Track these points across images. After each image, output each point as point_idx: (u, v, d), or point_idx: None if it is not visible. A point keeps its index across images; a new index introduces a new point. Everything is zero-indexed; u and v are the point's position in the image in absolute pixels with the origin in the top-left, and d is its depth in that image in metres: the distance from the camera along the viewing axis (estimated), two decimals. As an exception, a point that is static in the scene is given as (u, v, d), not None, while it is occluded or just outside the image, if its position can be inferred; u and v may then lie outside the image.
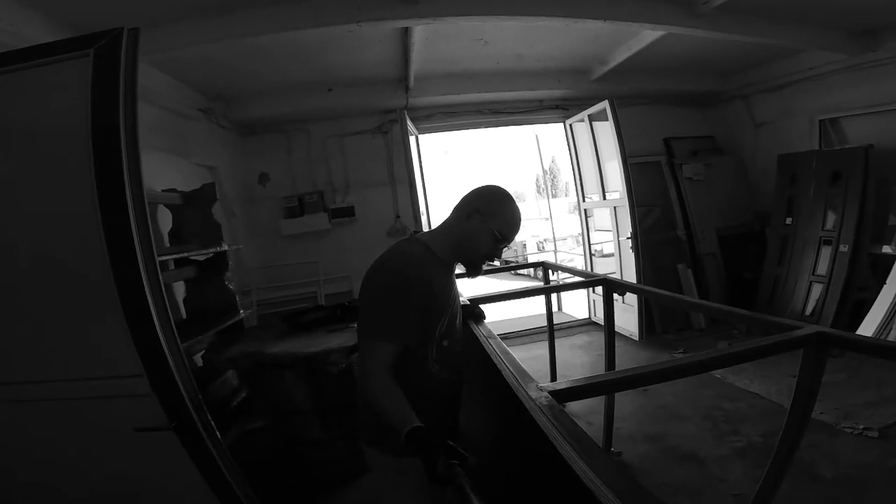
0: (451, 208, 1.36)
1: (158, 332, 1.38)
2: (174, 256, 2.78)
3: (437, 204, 4.75)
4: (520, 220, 1.32)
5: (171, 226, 3.08)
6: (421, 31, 3.25)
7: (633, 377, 1.27)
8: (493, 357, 1.33)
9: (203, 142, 3.91)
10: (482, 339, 1.49)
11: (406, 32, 3.26)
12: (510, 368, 1.20)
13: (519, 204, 1.32)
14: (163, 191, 2.98)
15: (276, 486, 2.49)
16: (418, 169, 4.35)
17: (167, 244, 3.01)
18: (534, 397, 1.02)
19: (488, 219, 1.28)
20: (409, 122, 3.99)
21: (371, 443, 1.30)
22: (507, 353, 1.32)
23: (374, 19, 2.76)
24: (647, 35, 3.68)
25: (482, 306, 2.26)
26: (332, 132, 4.71)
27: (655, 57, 4.15)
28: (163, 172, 3.20)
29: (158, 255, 1.78)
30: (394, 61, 3.88)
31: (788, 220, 4.58)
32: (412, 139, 4.16)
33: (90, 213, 1.33)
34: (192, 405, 1.45)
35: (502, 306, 7.43)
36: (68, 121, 1.35)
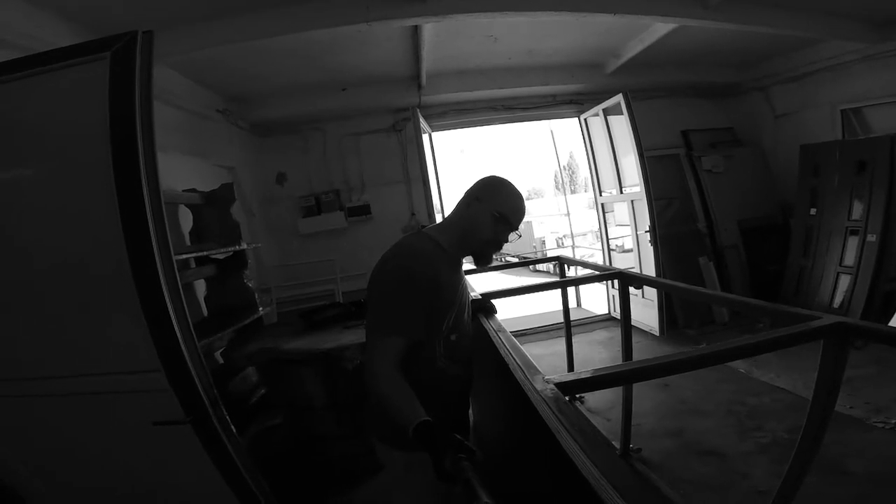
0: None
1: (175, 328, 1.39)
2: (194, 255, 2.85)
3: (454, 202, 4.74)
4: (519, 200, 1.32)
5: (191, 225, 3.15)
6: (431, 29, 3.26)
7: (640, 369, 1.25)
8: (500, 350, 1.33)
9: (221, 143, 4.00)
10: (491, 333, 1.49)
11: (416, 31, 3.27)
12: (517, 361, 1.20)
13: (538, 200, 1.32)
14: (183, 191, 3.05)
15: (292, 482, 2.51)
16: (432, 166, 4.36)
17: (188, 243, 3.08)
18: (539, 389, 1.01)
19: (486, 203, 1.29)
20: (422, 120, 4.00)
21: (381, 438, 1.31)
22: (516, 347, 1.32)
23: (383, 18, 2.78)
24: (659, 28, 3.63)
25: (497, 301, 2.26)
26: (347, 131, 4.76)
27: (669, 49, 4.10)
28: (183, 173, 3.28)
29: (179, 254, 1.83)
30: (405, 60, 3.90)
31: (813, 211, 4.46)
32: (425, 137, 4.17)
33: (110, 212, 1.35)
34: (208, 400, 1.47)
35: (521, 303, 7.42)
36: (88, 122, 1.38)
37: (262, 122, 4.47)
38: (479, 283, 2.54)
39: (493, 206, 1.28)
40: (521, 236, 1.37)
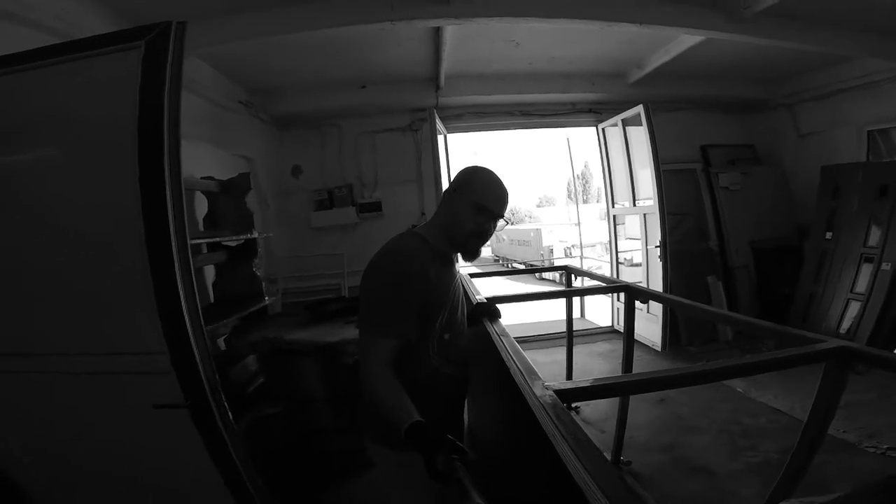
0: None
1: (184, 310, 1.42)
2: (207, 241, 2.90)
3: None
4: (497, 187, 1.28)
5: (206, 211, 3.20)
6: (452, 32, 3.29)
7: (638, 381, 1.25)
8: (502, 354, 1.32)
9: (242, 133, 4.06)
10: (494, 337, 1.49)
11: (438, 32, 3.30)
12: (518, 366, 1.19)
13: (549, 208, 1.31)
14: (201, 178, 3.10)
15: (287, 473, 2.52)
16: (446, 168, 4.39)
17: (201, 229, 3.13)
18: (538, 395, 1.01)
19: (465, 194, 1.27)
20: (438, 122, 4.03)
21: (373, 438, 1.31)
22: (518, 352, 1.31)
23: (406, 18, 2.81)
24: (685, 39, 3.61)
25: (501, 307, 2.27)
26: (363, 128, 4.80)
27: (694, 62, 4.06)
28: (202, 160, 3.34)
29: (192, 239, 1.86)
30: (425, 60, 3.93)
31: (829, 235, 4.38)
32: (440, 138, 4.20)
33: (130, 194, 1.38)
34: (209, 386, 1.48)
35: (524, 310, 7.41)
36: (117, 108, 1.41)
37: (283, 115, 4.53)
38: (485, 288, 2.54)
39: (472, 197, 1.25)
40: (508, 223, 1.35)
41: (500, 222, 1.31)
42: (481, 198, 1.25)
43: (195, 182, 3.00)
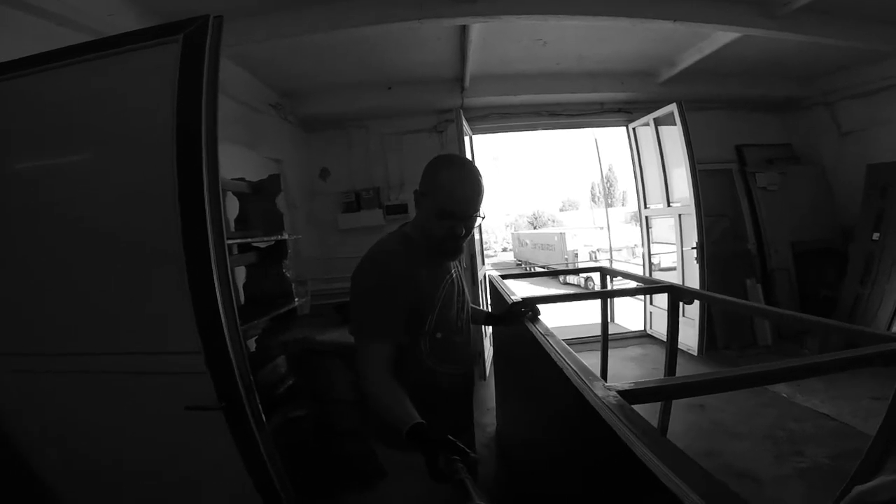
0: None
1: (220, 309, 1.39)
2: (238, 241, 2.91)
3: (488, 209, 4.70)
4: (459, 185, 1.17)
5: (237, 213, 3.23)
6: (478, 31, 3.25)
7: (712, 381, 1.16)
8: (552, 354, 1.26)
9: (271, 135, 4.10)
10: (539, 337, 1.43)
11: (464, 31, 3.26)
12: (573, 367, 1.13)
13: (572, 212, 1.24)
14: (232, 179, 3.13)
15: (311, 475, 2.49)
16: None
17: (232, 229, 3.16)
18: (601, 396, 0.97)
19: (428, 197, 1.20)
20: (464, 122, 3.99)
21: (381, 440, 1.30)
22: (569, 352, 1.25)
23: (434, 17, 2.80)
24: (720, 37, 3.50)
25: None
26: (390, 130, 4.80)
27: (729, 60, 3.94)
28: (233, 162, 3.38)
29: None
30: (451, 61, 3.90)
31: (876, 236, 4.17)
32: (467, 139, 4.16)
33: (168, 192, 1.37)
34: (244, 387, 1.45)
35: (552, 313, 7.29)
36: (155, 104, 1.40)
37: (310, 117, 4.56)
38: (518, 289, 2.48)
39: (435, 202, 1.18)
40: (484, 217, 1.26)
41: (476, 215, 1.22)
42: (445, 202, 1.17)
43: (227, 183, 3.02)
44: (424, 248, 1.26)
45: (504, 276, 3.46)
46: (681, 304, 3.95)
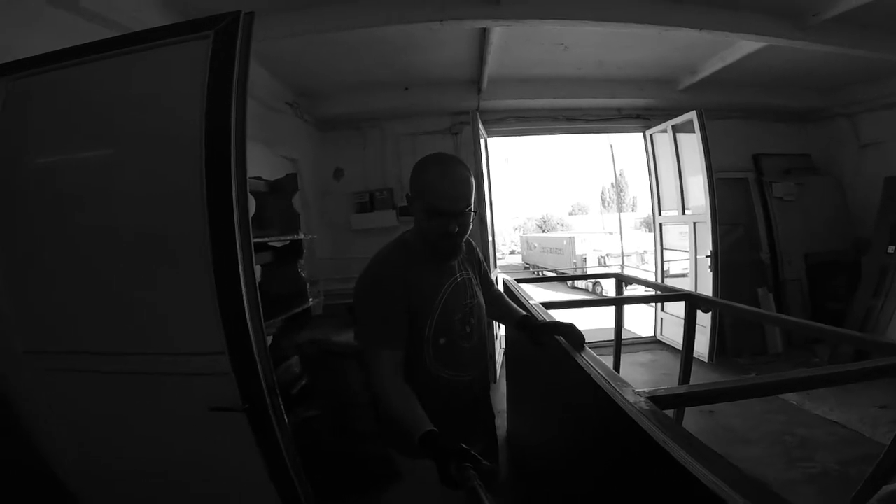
0: None
1: (245, 310, 1.37)
2: (255, 241, 2.91)
3: (497, 211, 4.69)
4: (443, 180, 1.15)
5: (254, 211, 3.25)
6: (499, 34, 3.24)
7: (741, 388, 1.18)
8: (579, 360, 1.26)
9: (288, 134, 4.12)
10: (564, 343, 1.41)
11: (484, 34, 3.26)
12: (601, 372, 1.14)
13: (581, 217, 1.22)
14: (250, 177, 3.14)
15: (324, 476, 2.48)
16: (486, 172, 4.34)
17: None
18: (632, 401, 0.97)
19: (417, 198, 1.19)
20: (480, 125, 3.99)
21: (391, 445, 1.30)
22: (595, 358, 1.26)
23: (456, 18, 2.79)
24: (743, 46, 3.48)
25: (551, 313, 2.16)
26: (404, 130, 4.80)
27: (750, 69, 3.93)
28: (251, 160, 3.34)
29: None
30: (468, 63, 3.90)
31: (891, 249, 4.16)
32: (482, 142, 4.15)
33: (196, 189, 1.35)
34: (267, 387, 1.44)
35: (563, 317, 7.25)
36: (187, 99, 1.39)
37: (326, 116, 4.58)
38: (535, 293, 2.46)
39: (423, 201, 1.17)
40: (475, 212, 1.23)
41: (469, 210, 1.19)
42: (432, 201, 1.15)
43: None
44: (423, 252, 1.26)
45: (518, 281, 3.45)
46: (710, 310, 3.94)
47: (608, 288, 3.82)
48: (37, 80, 1.54)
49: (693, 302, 2.51)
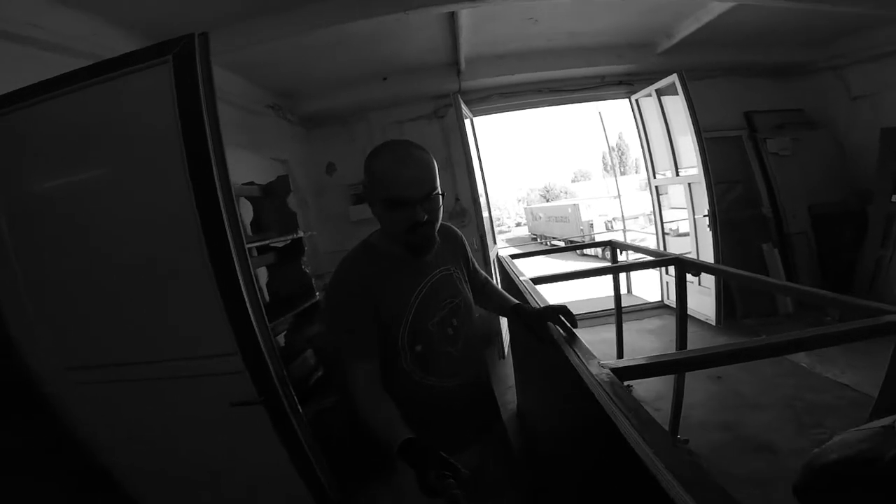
0: None
1: (250, 313, 1.50)
2: (257, 244, 2.99)
3: (499, 185, 4.70)
4: (402, 164, 1.06)
5: (252, 216, 3.34)
6: (468, 15, 3.22)
7: (697, 357, 1.19)
8: (554, 335, 1.27)
9: (274, 136, 4.17)
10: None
11: (453, 17, 3.23)
12: (571, 346, 1.15)
13: (585, 183, 1.19)
14: (243, 184, 3.20)
15: (344, 463, 2.54)
16: (475, 151, 4.36)
17: (250, 233, 3.26)
18: (594, 373, 0.98)
19: (372, 189, 1.10)
20: (462, 106, 3.99)
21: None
22: (570, 332, 1.27)
23: (421, 6, 2.77)
24: (715, 6, 3.42)
25: (544, 287, 2.11)
26: (390, 119, 4.81)
27: (729, 27, 3.84)
28: (241, 167, 3.45)
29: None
30: (443, 46, 3.87)
31: (895, 198, 4.11)
32: (468, 122, 4.16)
33: (187, 206, 1.45)
34: (278, 380, 1.57)
35: (568, 288, 7.31)
36: (160, 121, 1.46)
37: (310, 114, 4.61)
38: (525, 269, 2.52)
39: (380, 193, 1.08)
40: (444, 194, 1.16)
41: (436, 195, 1.11)
42: (388, 189, 1.06)
43: (239, 188, 3.11)
44: (391, 254, 1.18)
45: (515, 256, 3.49)
46: (700, 274, 3.96)
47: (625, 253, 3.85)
48: (21, 114, 1.59)
49: (682, 266, 2.54)
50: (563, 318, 1.28)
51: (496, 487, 1.35)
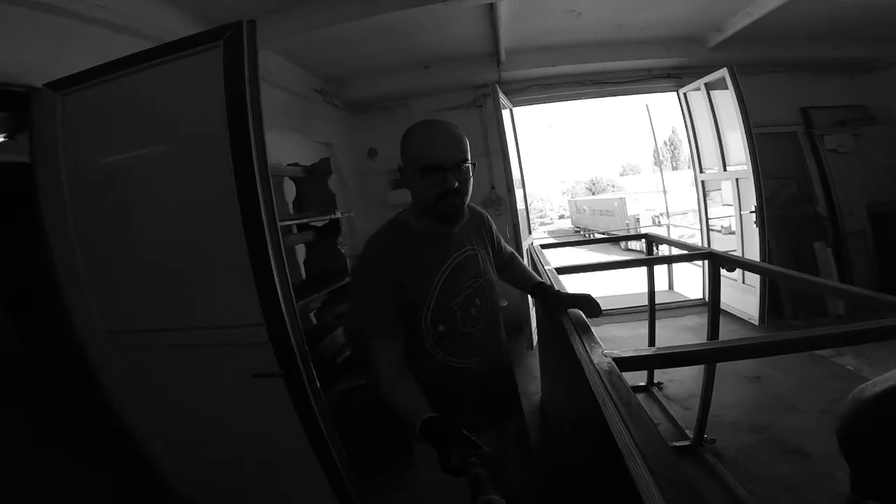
0: None
1: (276, 285, 1.57)
2: (296, 222, 3.15)
3: (541, 175, 4.66)
4: (434, 133, 1.13)
5: (294, 195, 3.51)
6: (507, 6, 3.21)
7: (709, 350, 1.15)
8: (565, 324, 1.25)
9: (321, 121, 4.34)
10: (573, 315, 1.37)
11: (491, 9, 3.24)
12: (578, 334, 1.15)
13: (634, 177, 1.12)
14: (287, 165, 3.38)
15: (368, 443, 2.49)
16: (513, 141, 4.35)
17: (291, 211, 3.44)
18: (595, 362, 0.97)
19: (407, 165, 1.16)
20: (501, 96, 3.98)
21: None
22: (580, 319, 1.25)
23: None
24: (768, 1, 3.28)
25: (571, 277, 2.11)
26: (431, 107, 4.86)
27: (784, 22, 3.67)
28: (287, 149, 3.65)
29: (283, 221, 1.97)
30: (483, 37, 3.88)
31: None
32: (506, 112, 4.15)
33: (227, 182, 1.54)
34: (300, 355, 1.61)
35: (605, 281, 7.18)
36: (209, 102, 1.56)
37: (355, 100, 4.74)
38: (557, 257, 2.52)
39: (414, 162, 1.13)
40: (475, 164, 1.20)
41: (467, 166, 1.15)
42: (420, 157, 1.11)
43: (283, 169, 3.29)
44: (420, 231, 1.20)
45: (549, 246, 3.48)
46: (744, 271, 3.78)
47: (662, 247, 3.71)
48: (88, 93, 1.76)
49: (715, 260, 2.47)
50: (579, 308, 1.30)
51: (511, 471, 1.35)
